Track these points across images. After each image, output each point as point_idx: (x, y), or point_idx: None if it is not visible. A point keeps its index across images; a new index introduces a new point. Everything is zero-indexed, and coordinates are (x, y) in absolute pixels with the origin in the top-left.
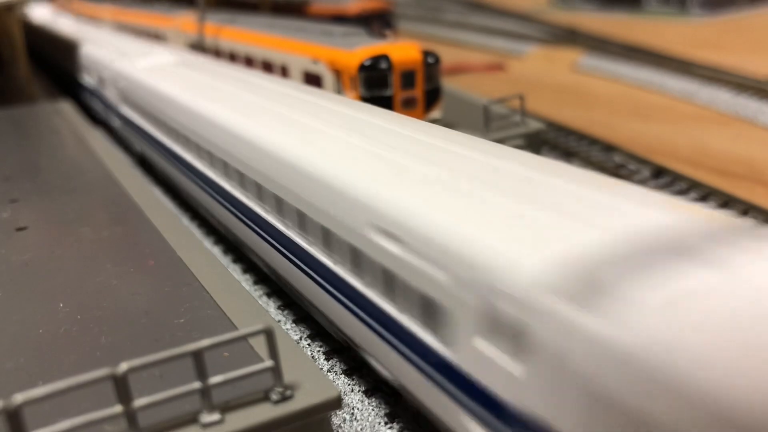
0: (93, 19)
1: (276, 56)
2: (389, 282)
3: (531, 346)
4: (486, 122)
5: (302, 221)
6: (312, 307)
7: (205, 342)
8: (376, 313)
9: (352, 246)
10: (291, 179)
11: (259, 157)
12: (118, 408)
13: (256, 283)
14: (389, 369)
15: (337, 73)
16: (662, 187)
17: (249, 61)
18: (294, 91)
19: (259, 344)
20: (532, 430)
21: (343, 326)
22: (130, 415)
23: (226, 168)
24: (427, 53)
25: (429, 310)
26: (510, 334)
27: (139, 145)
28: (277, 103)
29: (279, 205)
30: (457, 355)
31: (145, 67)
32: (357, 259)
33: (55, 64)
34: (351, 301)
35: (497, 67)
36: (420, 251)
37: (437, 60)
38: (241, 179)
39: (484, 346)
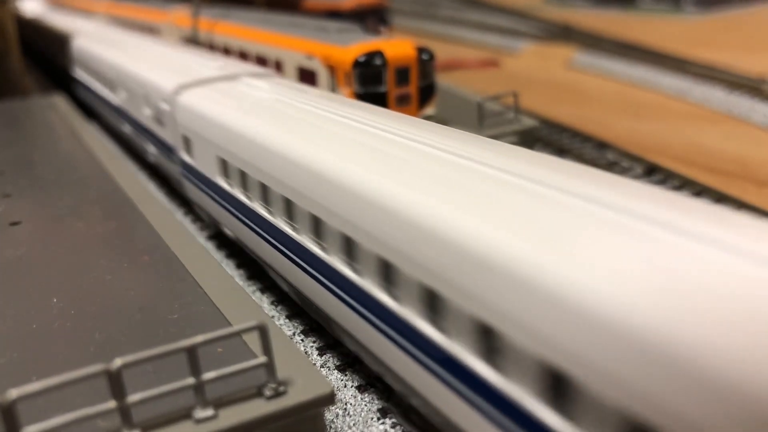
0: (88, 14)
1: (270, 51)
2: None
3: None
4: (480, 119)
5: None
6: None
7: (199, 338)
8: None
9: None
10: None
11: None
12: (111, 403)
13: (249, 278)
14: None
15: (332, 69)
16: (655, 185)
17: (243, 56)
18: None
19: (253, 340)
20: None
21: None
22: (124, 411)
23: None
24: (421, 50)
25: None
26: None
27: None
28: None
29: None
30: None
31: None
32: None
33: (48, 58)
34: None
35: (491, 64)
36: None
37: (431, 57)
38: None
39: None
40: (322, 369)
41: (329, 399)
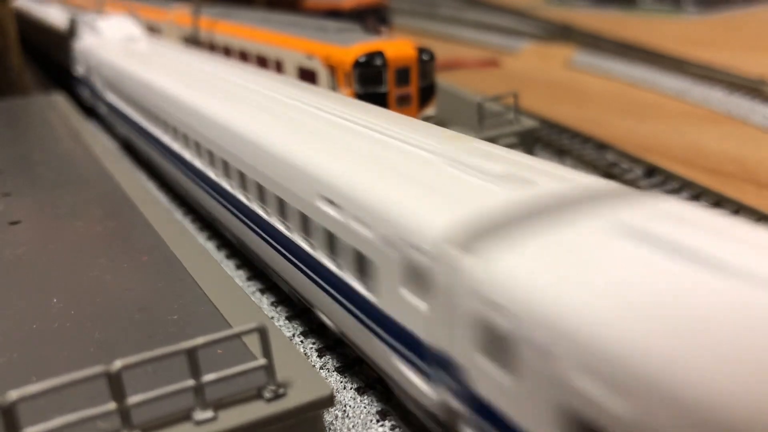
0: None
1: (270, 51)
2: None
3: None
4: (480, 120)
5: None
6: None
7: (199, 340)
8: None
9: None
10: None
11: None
12: (111, 405)
13: (249, 279)
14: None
15: (332, 68)
16: (655, 186)
17: (243, 56)
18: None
19: (253, 341)
20: (438, 360)
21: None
22: (124, 413)
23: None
24: (421, 50)
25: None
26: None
27: None
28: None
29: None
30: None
31: None
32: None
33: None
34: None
35: (491, 64)
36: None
37: (432, 57)
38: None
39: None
40: (321, 371)
41: (329, 401)
